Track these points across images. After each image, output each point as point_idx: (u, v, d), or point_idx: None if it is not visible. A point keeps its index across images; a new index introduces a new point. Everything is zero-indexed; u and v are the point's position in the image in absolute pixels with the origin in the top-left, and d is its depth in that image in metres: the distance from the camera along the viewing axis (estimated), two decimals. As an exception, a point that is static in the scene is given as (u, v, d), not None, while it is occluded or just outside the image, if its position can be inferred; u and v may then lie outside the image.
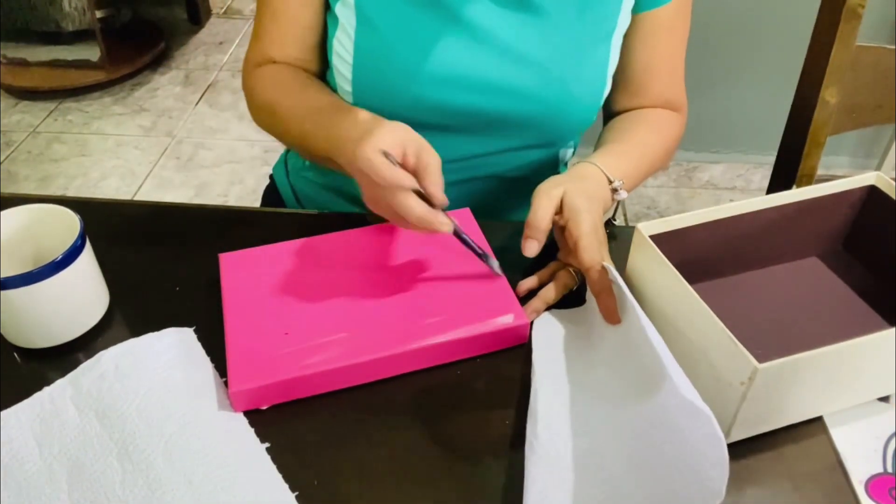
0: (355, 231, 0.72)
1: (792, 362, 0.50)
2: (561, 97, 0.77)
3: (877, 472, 0.54)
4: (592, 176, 0.70)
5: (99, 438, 0.53)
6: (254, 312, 0.63)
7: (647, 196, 2.09)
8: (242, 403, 0.57)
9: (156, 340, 0.60)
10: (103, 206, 0.80)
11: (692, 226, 0.64)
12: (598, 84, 0.79)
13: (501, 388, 0.60)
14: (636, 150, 0.78)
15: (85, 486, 0.51)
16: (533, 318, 0.65)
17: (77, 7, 2.38)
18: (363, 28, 0.75)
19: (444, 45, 0.74)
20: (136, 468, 0.51)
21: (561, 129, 0.81)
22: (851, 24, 0.94)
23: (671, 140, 0.84)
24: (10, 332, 0.62)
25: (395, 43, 0.74)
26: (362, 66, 0.76)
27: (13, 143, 2.28)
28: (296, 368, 0.58)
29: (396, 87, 0.75)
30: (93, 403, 0.55)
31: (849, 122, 1.04)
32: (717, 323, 0.52)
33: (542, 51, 0.75)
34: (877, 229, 0.67)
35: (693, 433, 0.48)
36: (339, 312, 0.63)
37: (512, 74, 0.75)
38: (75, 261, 0.60)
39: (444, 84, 0.75)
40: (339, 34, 0.77)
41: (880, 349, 0.54)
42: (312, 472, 0.54)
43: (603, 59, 0.78)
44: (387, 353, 0.59)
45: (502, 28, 0.74)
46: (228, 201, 2.06)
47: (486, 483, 0.54)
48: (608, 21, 0.76)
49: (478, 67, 0.75)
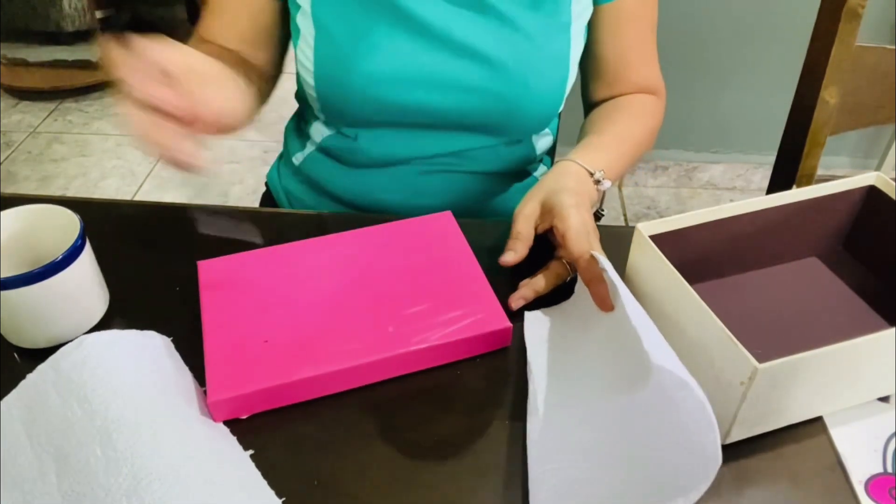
0: (336, 236, 0.71)
1: (792, 362, 0.50)
2: (519, 92, 0.77)
3: (877, 472, 0.54)
4: (572, 172, 0.71)
5: (81, 425, 0.50)
6: (233, 321, 0.62)
7: (647, 196, 2.09)
8: (222, 413, 0.56)
9: (141, 336, 0.59)
10: (103, 206, 0.80)
11: (692, 226, 0.64)
12: (558, 77, 0.79)
13: (486, 391, 0.60)
14: (615, 139, 0.79)
15: (71, 476, 0.49)
16: (520, 304, 0.66)
17: (77, 7, 2.38)
18: (321, 36, 0.76)
19: (400, 48, 0.75)
20: (119, 456, 0.48)
21: (523, 123, 0.82)
22: (851, 24, 0.94)
23: (652, 124, 0.86)
24: (10, 332, 0.62)
25: (351, 48, 0.75)
26: (322, 73, 0.77)
27: (13, 143, 2.28)
28: (275, 377, 0.57)
29: (356, 91, 0.77)
30: (74, 389, 0.53)
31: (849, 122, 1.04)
32: (717, 323, 0.52)
33: (497, 47, 0.76)
34: (877, 229, 0.67)
35: (683, 404, 0.48)
36: (319, 319, 0.62)
37: (469, 72, 0.76)
38: (75, 261, 0.60)
39: (402, 85, 0.77)
40: (301, 44, 0.78)
41: (880, 349, 0.54)
42: (297, 478, 0.53)
43: (562, 51, 0.79)
44: (368, 360, 0.58)
45: (457, 27, 0.75)
46: (228, 201, 2.06)
47: (482, 486, 0.53)
48: (563, 13, 0.77)
49: (435, 67, 0.76)
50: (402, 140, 0.83)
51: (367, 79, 0.76)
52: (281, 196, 0.95)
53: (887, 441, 0.56)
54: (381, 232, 0.71)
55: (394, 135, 0.82)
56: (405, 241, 0.70)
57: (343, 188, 0.88)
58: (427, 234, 0.71)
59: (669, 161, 2.09)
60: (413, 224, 0.72)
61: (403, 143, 0.83)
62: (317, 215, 0.80)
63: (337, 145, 0.86)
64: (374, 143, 0.83)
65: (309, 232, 0.72)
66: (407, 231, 0.71)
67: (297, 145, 0.92)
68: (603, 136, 0.79)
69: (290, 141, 0.94)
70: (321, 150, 0.88)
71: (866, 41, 0.96)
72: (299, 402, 0.58)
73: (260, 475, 0.53)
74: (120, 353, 0.56)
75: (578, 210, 0.64)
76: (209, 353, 0.59)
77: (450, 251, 0.69)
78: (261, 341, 0.60)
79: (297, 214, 0.83)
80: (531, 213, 0.68)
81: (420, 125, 0.81)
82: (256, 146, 2.27)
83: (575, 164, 0.72)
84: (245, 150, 2.26)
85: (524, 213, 0.68)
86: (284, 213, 0.86)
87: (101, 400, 0.51)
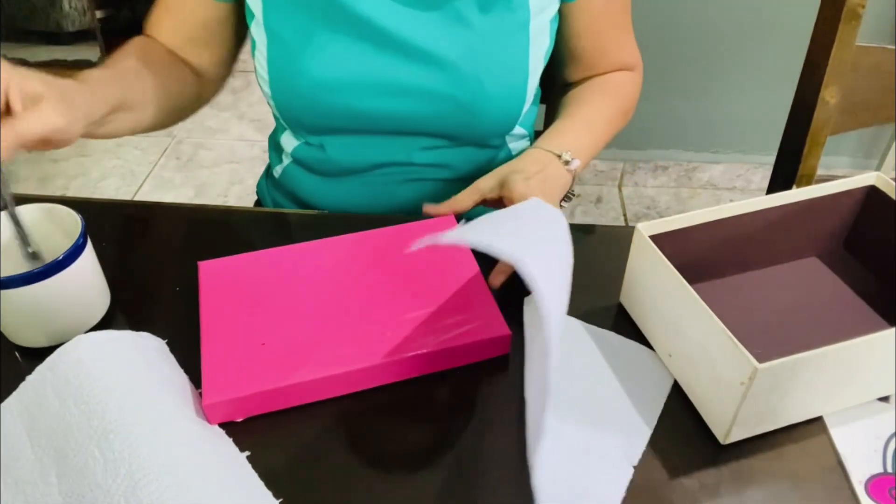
0: (336, 239, 0.70)
1: (792, 362, 0.50)
2: (475, 95, 0.76)
3: (877, 472, 0.54)
4: (535, 157, 0.74)
5: (79, 426, 0.50)
6: (231, 322, 0.61)
7: (647, 196, 2.09)
8: (217, 416, 0.56)
9: (137, 337, 0.59)
10: (103, 206, 0.80)
11: (692, 226, 0.64)
12: (517, 77, 0.78)
13: (484, 399, 0.59)
14: (584, 120, 0.81)
15: (71, 477, 0.48)
16: (501, 280, 0.67)
17: (77, 7, 2.38)
18: (273, 44, 0.75)
19: (351, 53, 0.74)
20: (117, 457, 0.48)
21: (486, 126, 0.80)
22: (851, 24, 0.94)
23: (627, 100, 0.86)
24: (10, 332, 0.62)
25: (301, 55, 0.74)
26: (277, 81, 0.77)
27: (13, 143, 2.28)
28: (271, 380, 0.56)
29: (308, 97, 0.76)
30: (71, 390, 0.53)
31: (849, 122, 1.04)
32: (717, 323, 0.52)
33: (451, 49, 0.74)
34: (877, 229, 0.67)
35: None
36: (317, 322, 0.61)
37: (423, 76, 0.75)
38: (76, 260, 0.60)
39: (353, 91, 0.76)
40: (257, 53, 0.78)
41: (880, 349, 0.54)
42: (292, 481, 0.53)
43: (521, 52, 0.77)
44: (365, 365, 0.58)
45: (410, 29, 0.73)
46: (228, 201, 2.06)
47: (480, 492, 0.53)
48: (519, 11, 0.75)
49: (387, 71, 0.75)
50: (368, 147, 0.82)
51: (318, 85, 0.75)
52: (269, 207, 0.95)
53: (887, 441, 0.56)
54: (382, 235, 0.71)
55: (358, 141, 0.81)
56: (406, 245, 0.69)
57: (319, 198, 0.88)
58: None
59: (669, 161, 2.09)
60: (415, 228, 0.72)
61: (370, 150, 0.82)
62: (319, 215, 0.80)
63: (307, 155, 0.85)
64: (340, 151, 0.82)
65: (310, 232, 0.72)
66: (408, 235, 0.71)
67: (276, 158, 0.92)
68: (573, 119, 0.80)
69: (270, 154, 0.95)
70: (295, 162, 0.88)
71: (866, 41, 0.96)
72: (295, 405, 0.58)
73: (256, 476, 0.52)
74: (116, 353, 0.56)
75: (527, 183, 0.68)
76: (206, 356, 0.59)
77: (451, 256, 0.68)
78: (258, 344, 0.60)
79: (297, 214, 0.82)
80: (483, 187, 0.72)
81: (382, 131, 0.80)
82: (256, 146, 2.27)
83: (540, 150, 0.74)
84: (245, 150, 2.26)
85: (477, 185, 0.72)
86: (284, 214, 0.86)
87: (98, 401, 0.51)
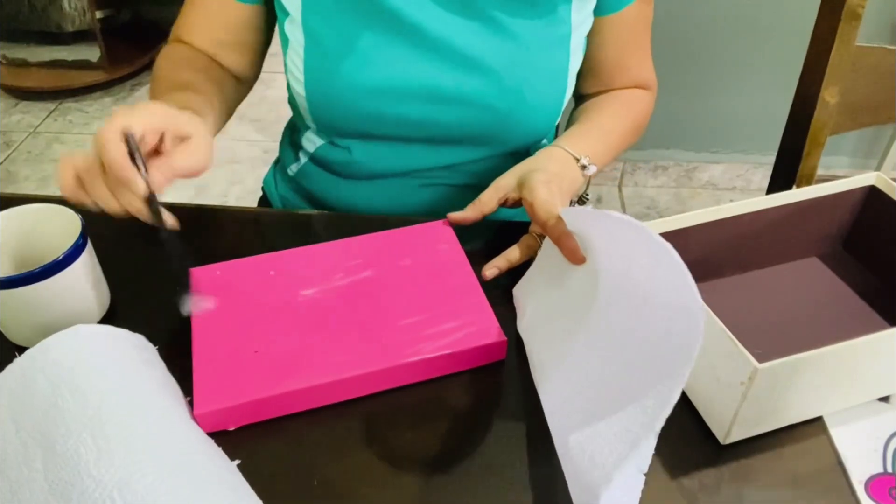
0: (330, 244, 0.70)
1: (792, 362, 0.50)
2: (516, 106, 0.76)
3: (877, 472, 0.54)
4: (555, 156, 0.73)
5: (70, 412, 0.49)
6: (223, 329, 0.61)
7: (647, 196, 2.09)
8: (208, 425, 0.55)
9: (135, 338, 0.58)
10: (103, 206, 0.80)
11: (692, 226, 0.64)
12: (556, 90, 0.78)
13: (480, 405, 0.59)
14: (602, 129, 0.80)
15: (59, 464, 0.47)
16: (493, 274, 0.67)
17: (77, 7, 2.38)
18: (311, 45, 0.74)
19: (393, 57, 0.73)
20: (112, 447, 0.47)
21: (519, 137, 0.81)
22: (851, 24, 0.94)
23: (641, 116, 0.86)
24: (10, 332, 0.62)
25: (342, 58, 0.73)
26: (313, 84, 0.75)
27: (13, 143, 2.28)
28: (264, 389, 0.56)
29: (347, 102, 0.75)
30: (64, 375, 0.51)
31: (849, 122, 1.04)
32: (717, 323, 0.52)
33: (495, 59, 0.74)
34: (877, 229, 0.67)
35: (659, 270, 0.49)
36: (311, 329, 0.61)
37: (465, 84, 0.74)
38: (76, 260, 0.60)
39: (396, 98, 0.75)
40: (290, 53, 0.76)
41: (880, 349, 0.54)
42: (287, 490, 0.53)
43: (561, 65, 0.77)
44: (359, 372, 0.57)
45: (454, 36, 0.73)
46: (228, 201, 2.06)
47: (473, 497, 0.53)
48: (562, 25, 0.75)
49: (429, 78, 0.74)
50: (398, 153, 0.81)
51: (359, 91, 0.74)
52: (277, 203, 0.95)
53: (887, 441, 0.56)
54: (377, 240, 0.70)
55: (389, 148, 0.81)
56: (400, 250, 0.69)
57: (337, 199, 0.88)
58: (423, 243, 0.70)
59: (669, 161, 2.09)
60: (409, 233, 0.71)
61: (399, 157, 0.82)
62: (320, 215, 0.80)
63: (330, 156, 0.84)
64: (369, 156, 0.82)
65: (309, 234, 0.71)
66: (403, 240, 0.70)
67: (291, 156, 0.91)
68: (591, 125, 0.80)
69: (284, 151, 0.94)
70: (314, 161, 0.87)
71: (866, 41, 0.96)
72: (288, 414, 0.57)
73: (247, 484, 0.51)
74: (114, 347, 0.55)
75: (548, 185, 0.66)
76: (197, 364, 0.58)
77: (446, 261, 0.68)
78: (251, 351, 0.59)
79: (298, 214, 0.82)
80: (504, 185, 0.70)
81: (415, 139, 0.80)
82: (256, 146, 2.27)
83: (560, 150, 0.73)
84: (245, 150, 2.26)
85: (498, 184, 0.71)
86: (285, 214, 0.86)
87: (96, 390, 0.50)
